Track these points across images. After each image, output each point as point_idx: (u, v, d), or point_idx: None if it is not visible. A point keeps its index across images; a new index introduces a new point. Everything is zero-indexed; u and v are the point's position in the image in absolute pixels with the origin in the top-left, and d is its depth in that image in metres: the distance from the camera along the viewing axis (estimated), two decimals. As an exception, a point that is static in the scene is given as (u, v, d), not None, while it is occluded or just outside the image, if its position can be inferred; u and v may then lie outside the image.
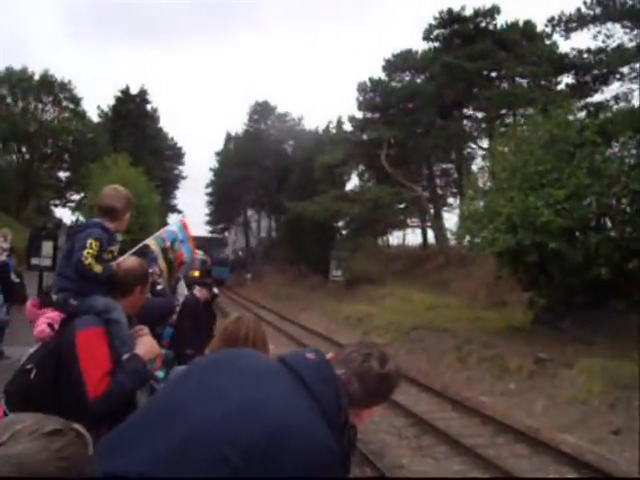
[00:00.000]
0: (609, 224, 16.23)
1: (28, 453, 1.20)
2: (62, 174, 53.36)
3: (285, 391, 1.83)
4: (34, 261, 15.81)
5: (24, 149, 49.76)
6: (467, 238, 19.25)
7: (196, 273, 20.30)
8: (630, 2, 24.97)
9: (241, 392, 1.81)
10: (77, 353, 2.99)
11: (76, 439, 1.31)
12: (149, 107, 59.15)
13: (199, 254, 45.97)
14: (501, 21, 35.52)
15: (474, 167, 33.85)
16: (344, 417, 1.89)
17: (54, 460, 1.22)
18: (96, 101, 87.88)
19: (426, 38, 38.13)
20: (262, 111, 68.33)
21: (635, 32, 25.40)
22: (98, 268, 3.27)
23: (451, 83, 33.73)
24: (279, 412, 1.74)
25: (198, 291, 9.53)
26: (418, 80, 39.35)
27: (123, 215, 3.62)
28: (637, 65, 25.61)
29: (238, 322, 2.98)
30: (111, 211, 3.56)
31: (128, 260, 3.52)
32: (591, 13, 25.82)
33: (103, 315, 3.19)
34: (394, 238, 52.98)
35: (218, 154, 72.03)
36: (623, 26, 25.56)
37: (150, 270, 4.32)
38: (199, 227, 73.35)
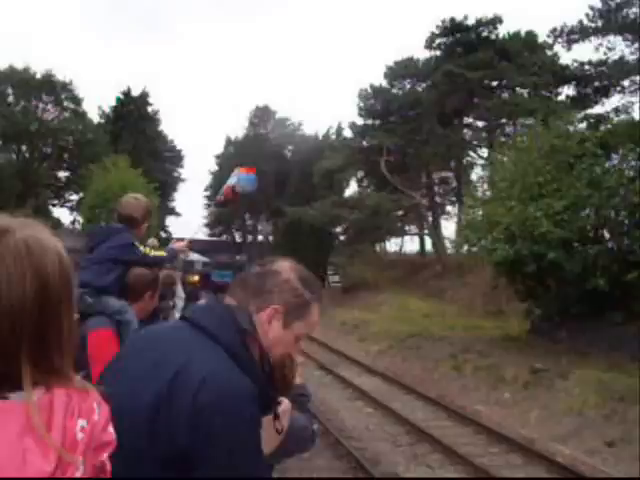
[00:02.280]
0: (607, 236, 16.26)
1: None
2: (61, 174, 53.35)
3: (183, 339, 1.78)
4: (32, 261, 15.82)
5: (24, 148, 49.75)
6: (465, 247, 19.28)
7: (195, 278, 19.97)
8: (632, 16, 25.06)
9: (147, 356, 1.76)
10: (87, 353, 3.03)
11: None
12: (150, 109, 59.11)
13: (198, 256, 45.94)
14: (503, 31, 35.74)
15: (473, 176, 33.95)
16: (247, 346, 1.81)
17: None
18: (97, 102, 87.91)
19: (428, 46, 38.30)
20: (262, 115, 68.39)
21: (636, 45, 25.48)
22: (161, 252, 3.67)
23: (452, 92, 33.81)
24: (179, 359, 1.68)
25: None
26: (419, 88, 39.52)
27: (141, 224, 3.72)
28: (637, 78, 25.69)
29: None
30: (130, 220, 3.64)
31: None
32: (593, 25, 25.95)
33: (116, 316, 3.25)
34: (392, 245, 53.04)
35: (218, 157, 72.02)
36: (624, 39, 25.68)
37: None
38: (199, 230, 73.28)
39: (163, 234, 50.96)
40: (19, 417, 0.95)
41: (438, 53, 38.19)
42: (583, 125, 20.72)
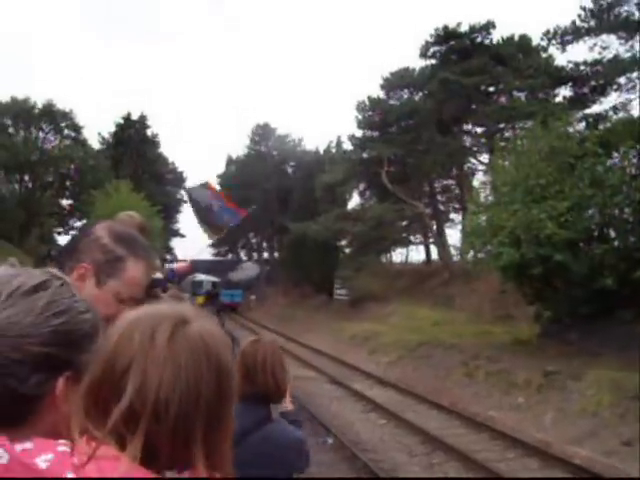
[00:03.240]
0: (613, 234, 16.21)
1: (10, 321, 1.08)
2: (64, 202, 53.57)
3: None
4: (38, 289, 15.83)
5: (26, 178, 49.98)
6: (471, 253, 19.23)
7: (199, 300, 19.66)
8: (623, 14, 25.10)
9: None
10: None
11: (61, 288, 1.19)
12: (149, 132, 59.38)
13: (204, 276, 45.90)
14: (497, 36, 35.79)
15: (475, 182, 33.89)
16: None
17: (45, 320, 1.11)
18: (96, 127, 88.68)
19: (423, 55, 38.36)
20: (263, 133, 68.69)
21: (630, 43, 25.50)
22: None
23: (449, 99, 33.83)
24: None
25: None
26: (416, 97, 39.57)
27: None
28: (634, 75, 25.69)
29: (255, 345, 2.98)
30: None
31: None
32: (586, 25, 25.92)
33: None
34: (397, 255, 52.97)
35: (219, 177, 72.27)
36: (618, 37, 25.66)
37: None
38: (203, 250, 73.26)
39: (168, 256, 51.05)
40: None
41: (433, 61, 38.27)
42: (582, 125, 20.75)
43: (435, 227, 40.70)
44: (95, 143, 55.87)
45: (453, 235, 44.91)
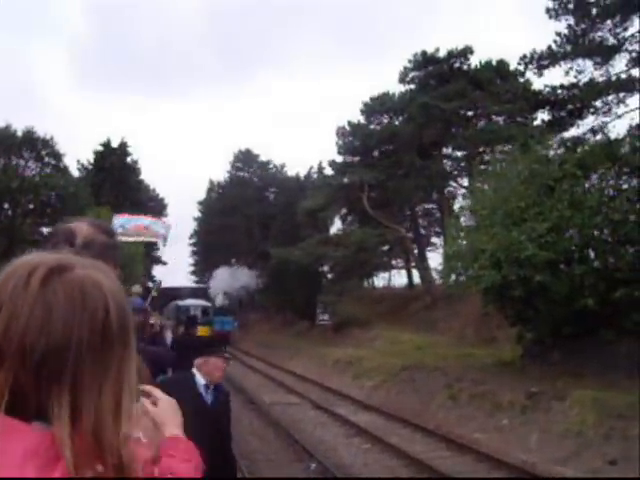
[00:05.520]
0: (592, 255, 16.30)
1: None
2: (45, 229, 53.15)
3: None
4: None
5: (6, 205, 49.59)
6: (452, 277, 19.27)
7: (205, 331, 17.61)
8: (598, 39, 25.56)
9: None
10: None
11: None
12: (129, 159, 59.13)
13: (192, 301, 45.29)
14: (475, 61, 36.24)
15: (456, 206, 34.07)
16: None
17: None
18: (74, 155, 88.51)
19: (402, 80, 38.74)
20: (245, 159, 68.80)
21: (605, 67, 25.95)
22: None
23: (429, 123, 34.15)
24: None
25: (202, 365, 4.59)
26: (396, 122, 39.86)
27: None
28: (609, 98, 26.08)
29: None
30: None
31: None
32: (562, 50, 26.29)
33: None
34: (380, 280, 52.98)
35: (200, 203, 72.20)
36: (593, 62, 26.08)
37: (151, 321, 4.27)
38: (185, 277, 73.14)
39: (150, 284, 50.72)
40: (27, 442, 0.96)
41: (412, 87, 38.67)
42: (561, 148, 20.93)
43: (417, 251, 40.81)
44: (74, 171, 55.64)
45: (435, 259, 45.05)
